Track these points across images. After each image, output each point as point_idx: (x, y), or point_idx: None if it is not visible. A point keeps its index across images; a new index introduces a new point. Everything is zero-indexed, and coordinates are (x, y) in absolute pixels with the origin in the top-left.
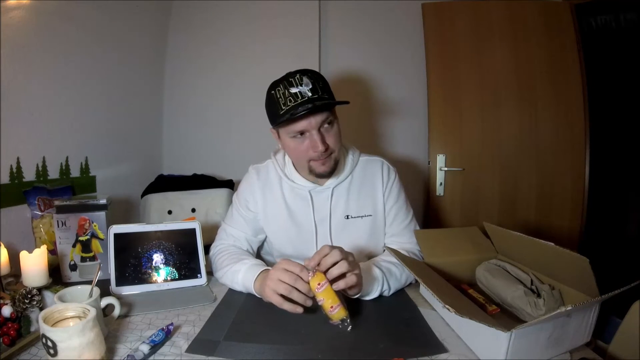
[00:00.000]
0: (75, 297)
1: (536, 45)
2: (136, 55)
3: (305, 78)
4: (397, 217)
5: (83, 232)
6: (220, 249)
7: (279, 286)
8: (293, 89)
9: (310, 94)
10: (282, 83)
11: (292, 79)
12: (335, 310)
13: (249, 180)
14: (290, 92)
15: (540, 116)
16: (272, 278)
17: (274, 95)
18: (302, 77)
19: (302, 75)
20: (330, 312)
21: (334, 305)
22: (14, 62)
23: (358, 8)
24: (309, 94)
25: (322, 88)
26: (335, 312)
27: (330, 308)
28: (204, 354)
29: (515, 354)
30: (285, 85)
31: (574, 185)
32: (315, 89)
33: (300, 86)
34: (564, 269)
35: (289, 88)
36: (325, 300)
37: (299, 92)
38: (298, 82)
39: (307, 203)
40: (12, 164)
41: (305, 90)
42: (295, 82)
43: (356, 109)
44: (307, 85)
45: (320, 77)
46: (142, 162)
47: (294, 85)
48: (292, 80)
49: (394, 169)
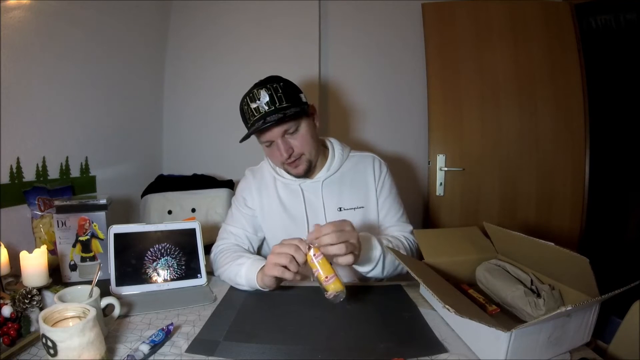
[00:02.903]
0: (75, 297)
1: (536, 45)
2: (136, 55)
3: (263, 91)
4: (391, 210)
5: (83, 232)
6: (222, 248)
7: (280, 258)
8: (253, 104)
9: (267, 107)
10: (247, 97)
11: (252, 93)
12: (330, 281)
13: (246, 181)
14: (251, 108)
15: (540, 116)
16: (273, 252)
17: (242, 109)
18: (259, 90)
19: (260, 89)
20: (325, 283)
21: (329, 276)
22: (14, 62)
23: (358, 8)
24: (265, 107)
25: (281, 97)
26: (330, 282)
27: (325, 278)
28: (204, 354)
29: (515, 354)
30: (247, 101)
31: (574, 185)
32: (272, 100)
33: (257, 100)
34: (564, 269)
35: (250, 103)
36: (320, 271)
37: (257, 107)
38: (256, 97)
39: (299, 196)
40: (12, 164)
41: (262, 105)
42: (255, 96)
43: (356, 109)
44: (263, 98)
45: (280, 85)
46: (142, 162)
47: (254, 100)
48: (252, 95)
49: (385, 163)
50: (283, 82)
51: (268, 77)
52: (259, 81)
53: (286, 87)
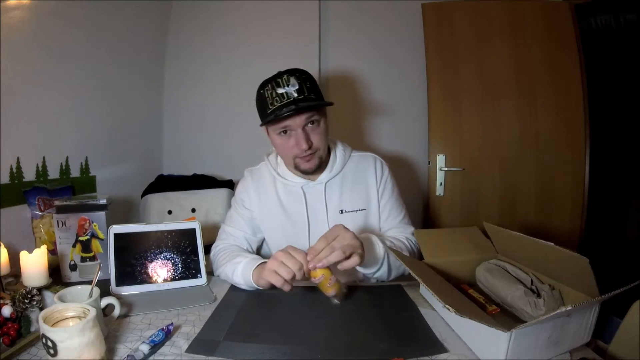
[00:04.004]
0: (75, 297)
1: (536, 45)
2: (136, 55)
3: (293, 79)
4: (392, 211)
5: (83, 232)
6: (220, 248)
7: (281, 269)
8: (280, 89)
9: (296, 94)
10: (271, 83)
11: (280, 79)
12: (331, 282)
13: (244, 182)
14: (277, 93)
15: (540, 116)
16: (276, 258)
17: (263, 94)
18: (289, 77)
19: (290, 76)
20: (329, 285)
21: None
22: (14, 62)
23: (358, 8)
24: (294, 94)
25: (309, 88)
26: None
27: (328, 282)
28: (204, 354)
29: (515, 354)
30: (273, 86)
31: (574, 185)
32: (301, 90)
33: (287, 87)
34: (564, 269)
35: (276, 89)
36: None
37: (285, 93)
38: (285, 83)
39: (300, 199)
40: (12, 164)
41: (292, 91)
42: (282, 82)
43: (356, 109)
44: (293, 85)
45: (309, 77)
46: (142, 162)
47: (281, 86)
48: (280, 80)
49: (386, 164)
50: (311, 76)
51: (293, 68)
52: (284, 70)
53: (313, 80)
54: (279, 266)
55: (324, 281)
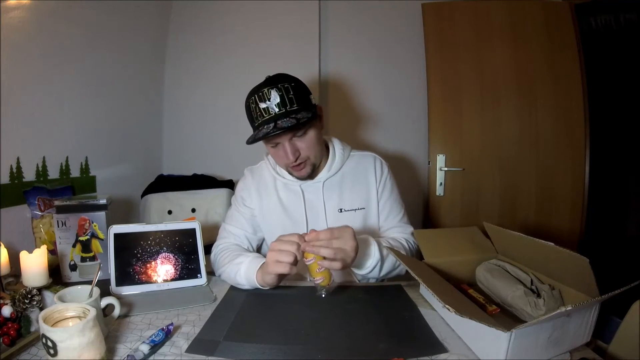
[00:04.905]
0: (75, 297)
1: (536, 45)
2: (136, 55)
3: (273, 92)
4: (392, 211)
5: (83, 232)
6: (221, 247)
7: (282, 255)
8: (262, 104)
9: (277, 109)
10: (254, 96)
11: (261, 92)
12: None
13: (245, 180)
14: (259, 108)
15: (540, 116)
16: (272, 249)
17: (249, 106)
18: (270, 91)
19: (271, 89)
20: (317, 271)
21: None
22: (14, 62)
23: (358, 8)
24: (275, 109)
25: (292, 99)
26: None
27: (318, 267)
28: (204, 354)
29: (515, 354)
30: (256, 100)
31: (574, 185)
32: (283, 102)
33: (267, 101)
34: (564, 269)
35: (259, 103)
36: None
37: (267, 108)
38: (266, 97)
39: (299, 197)
40: (12, 164)
41: (272, 106)
42: (264, 96)
43: (356, 109)
44: (274, 99)
45: (293, 85)
46: (142, 162)
47: (263, 100)
48: (262, 94)
49: (386, 163)
50: (294, 83)
51: (278, 74)
52: (268, 77)
53: (297, 88)
54: (278, 254)
55: (313, 264)
